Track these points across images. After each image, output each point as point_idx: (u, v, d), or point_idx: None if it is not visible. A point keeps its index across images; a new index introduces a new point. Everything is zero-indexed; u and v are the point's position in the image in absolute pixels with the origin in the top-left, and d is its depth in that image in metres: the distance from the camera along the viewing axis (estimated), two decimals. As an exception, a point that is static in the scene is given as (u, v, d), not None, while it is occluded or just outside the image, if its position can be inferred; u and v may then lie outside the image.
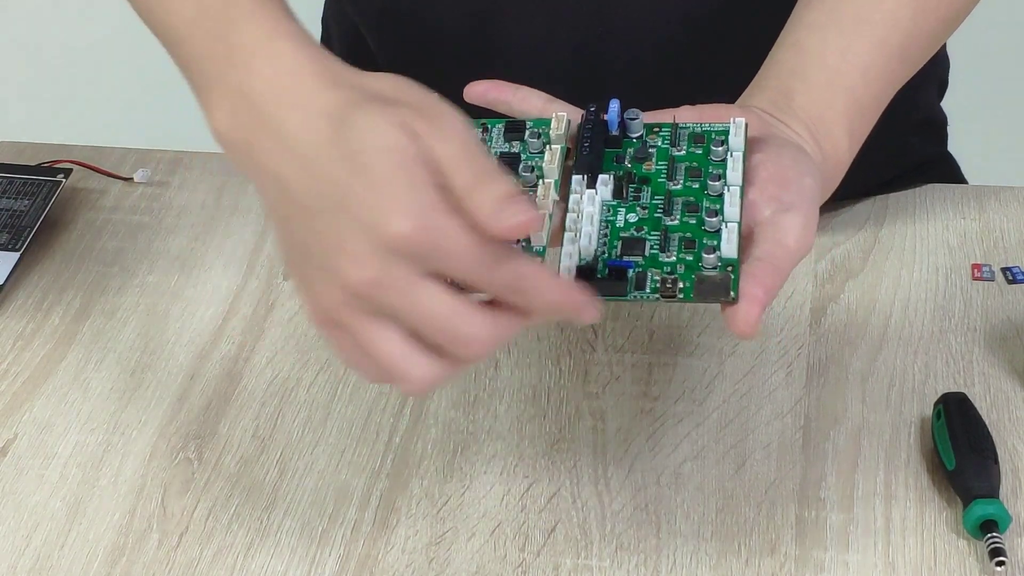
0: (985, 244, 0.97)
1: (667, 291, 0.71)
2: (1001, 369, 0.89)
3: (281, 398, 0.89)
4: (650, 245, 0.73)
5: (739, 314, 0.69)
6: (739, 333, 0.70)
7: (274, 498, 0.84)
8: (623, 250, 0.73)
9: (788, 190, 0.74)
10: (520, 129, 0.79)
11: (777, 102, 0.80)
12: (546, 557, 0.80)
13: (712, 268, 0.71)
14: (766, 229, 0.73)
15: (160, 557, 0.81)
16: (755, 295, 0.70)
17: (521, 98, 0.79)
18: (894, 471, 0.83)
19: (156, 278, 0.98)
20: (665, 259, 0.72)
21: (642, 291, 0.72)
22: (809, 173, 0.75)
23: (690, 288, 0.71)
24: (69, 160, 1.05)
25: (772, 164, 0.75)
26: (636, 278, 0.72)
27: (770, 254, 0.72)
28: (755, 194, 0.74)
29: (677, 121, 0.78)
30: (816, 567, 0.79)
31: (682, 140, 0.77)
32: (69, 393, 0.90)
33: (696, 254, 0.72)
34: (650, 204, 0.75)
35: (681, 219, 0.74)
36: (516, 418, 0.87)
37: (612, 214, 0.75)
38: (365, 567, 0.80)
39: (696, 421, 0.86)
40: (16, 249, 0.98)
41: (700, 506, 0.82)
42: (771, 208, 0.73)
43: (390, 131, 0.65)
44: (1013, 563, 0.78)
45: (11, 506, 0.84)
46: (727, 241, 0.72)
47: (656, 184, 0.76)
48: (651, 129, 0.78)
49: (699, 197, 0.75)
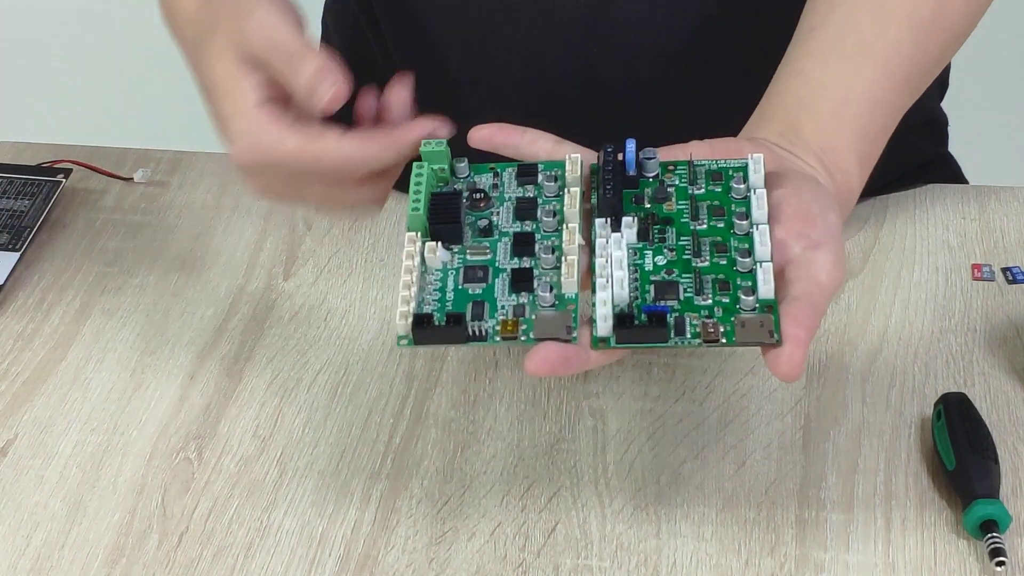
0: (985, 244, 0.97)
1: (710, 336, 0.70)
2: (1001, 369, 0.89)
3: (281, 398, 0.89)
4: (683, 288, 0.72)
5: (783, 357, 0.69)
6: (783, 376, 0.69)
7: (274, 498, 0.84)
8: (656, 294, 0.72)
9: (815, 226, 0.73)
10: (533, 173, 0.78)
11: (785, 133, 0.79)
12: (546, 557, 0.80)
13: (751, 310, 0.71)
14: (798, 267, 0.72)
15: (160, 557, 0.81)
16: (798, 337, 0.69)
17: (529, 141, 0.78)
18: (894, 471, 0.83)
19: (156, 278, 0.98)
20: (701, 302, 0.72)
21: (683, 336, 0.71)
22: (831, 208, 0.75)
23: (732, 331, 0.70)
24: (69, 160, 1.06)
25: (794, 200, 0.74)
26: (675, 323, 0.71)
27: (806, 292, 0.71)
28: (782, 232, 0.73)
29: (691, 158, 0.77)
30: (816, 567, 0.79)
31: (700, 178, 0.76)
32: (69, 393, 0.90)
33: (732, 296, 0.71)
34: (677, 246, 0.74)
35: (711, 260, 0.73)
36: (516, 418, 0.87)
37: (639, 257, 0.74)
38: (365, 567, 0.80)
39: (696, 421, 0.86)
40: (16, 249, 0.98)
41: (700, 506, 0.82)
42: (800, 245, 0.73)
43: (219, 60, 0.78)
44: (1013, 563, 0.78)
45: (11, 506, 0.84)
46: (763, 282, 0.71)
47: (680, 224, 0.75)
48: (666, 168, 0.77)
49: (726, 236, 0.74)
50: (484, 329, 0.73)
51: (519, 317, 0.73)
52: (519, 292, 0.74)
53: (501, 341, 0.72)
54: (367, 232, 1.01)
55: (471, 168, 0.79)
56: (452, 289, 0.74)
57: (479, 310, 0.73)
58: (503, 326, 0.72)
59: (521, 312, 0.73)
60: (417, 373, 0.90)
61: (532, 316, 0.73)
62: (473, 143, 0.78)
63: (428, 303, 0.74)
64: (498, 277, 0.75)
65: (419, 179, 0.77)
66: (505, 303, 0.73)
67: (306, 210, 1.00)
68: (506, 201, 0.78)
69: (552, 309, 0.73)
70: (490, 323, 0.73)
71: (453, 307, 0.74)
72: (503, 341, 0.72)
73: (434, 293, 0.74)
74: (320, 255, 0.99)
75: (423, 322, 0.73)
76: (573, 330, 0.72)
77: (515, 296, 0.74)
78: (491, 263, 0.75)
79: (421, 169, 0.78)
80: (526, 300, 0.73)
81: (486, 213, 0.77)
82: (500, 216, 0.77)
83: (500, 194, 0.78)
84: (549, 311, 0.72)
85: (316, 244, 1.00)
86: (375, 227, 1.01)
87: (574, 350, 0.71)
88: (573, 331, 0.72)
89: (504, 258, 0.75)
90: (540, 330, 0.72)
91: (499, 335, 0.72)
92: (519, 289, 0.74)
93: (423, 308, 0.74)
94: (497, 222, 0.77)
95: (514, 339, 0.72)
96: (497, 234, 0.76)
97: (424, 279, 0.75)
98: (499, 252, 0.76)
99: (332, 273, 0.98)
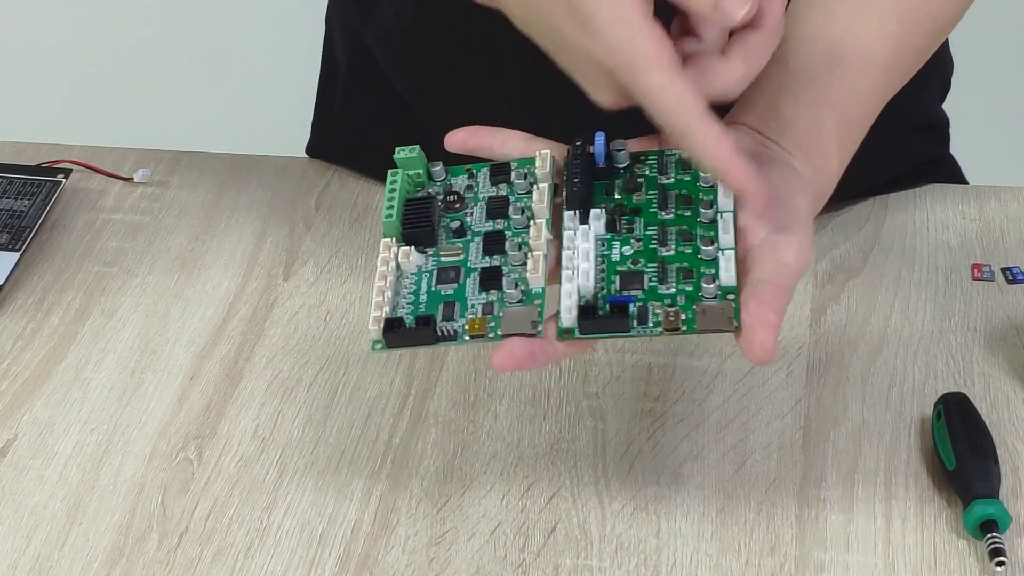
0: (985, 244, 0.97)
1: (670, 324, 0.71)
2: (1001, 369, 0.89)
3: (281, 398, 0.90)
4: (648, 277, 0.73)
5: (755, 341, 0.69)
6: (757, 360, 0.70)
7: (274, 498, 0.84)
8: (621, 284, 0.73)
9: (780, 210, 0.74)
10: (505, 171, 0.79)
11: (765, 119, 0.80)
12: (546, 557, 0.80)
13: (712, 297, 0.71)
14: (764, 251, 0.73)
15: (160, 557, 0.81)
16: (768, 320, 0.70)
17: (502, 141, 0.79)
18: (894, 471, 0.83)
19: (156, 278, 0.98)
20: (664, 291, 0.72)
21: (645, 326, 0.71)
22: (800, 191, 0.75)
23: (692, 319, 0.71)
24: (69, 160, 1.06)
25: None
26: (638, 312, 0.72)
27: (773, 275, 0.71)
28: (746, 217, 0.74)
29: (663, 147, 0.77)
30: (816, 567, 0.79)
31: (670, 167, 0.77)
32: (69, 393, 0.90)
33: (695, 284, 0.72)
34: (644, 235, 0.75)
35: (676, 249, 0.74)
36: (516, 418, 0.87)
37: (607, 248, 0.74)
38: (365, 567, 0.80)
39: (696, 421, 0.86)
40: (16, 249, 0.98)
41: (700, 506, 0.82)
42: (766, 230, 0.73)
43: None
44: (1013, 563, 0.78)
45: (11, 506, 0.84)
46: (725, 269, 0.72)
47: (648, 215, 0.75)
48: (638, 158, 0.78)
49: (692, 225, 0.74)
50: (453, 329, 0.73)
51: (488, 315, 0.73)
52: (488, 290, 0.74)
53: (470, 340, 0.73)
54: (367, 232, 1.01)
55: (447, 171, 0.80)
56: (425, 291, 0.75)
57: (450, 311, 0.74)
58: (471, 325, 0.73)
59: (490, 310, 0.74)
60: (417, 373, 0.90)
61: (500, 313, 0.73)
62: (450, 148, 0.79)
63: (402, 307, 0.75)
64: (469, 277, 0.75)
65: (393, 186, 0.78)
66: (475, 302, 0.74)
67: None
68: (479, 201, 0.78)
69: (519, 305, 0.73)
70: (460, 323, 0.74)
71: (426, 309, 0.74)
72: (472, 340, 0.73)
73: (408, 296, 0.75)
74: (320, 255, 0.99)
75: (394, 325, 0.74)
76: (538, 324, 0.72)
77: (484, 294, 0.74)
78: (463, 263, 0.76)
79: (396, 176, 0.79)
80: (495, 298, 0.74)
81: (460, 214, 0.78)
82: (472, 216, 0.78)
83: (475, 194, 0.79)
84: (516, 307, 0.73)
85: (316, 244, 1.00)
86: (375, 227, 1.01)
87: (539, 343, 0.72)
88: (538, 325, 0.72)
89: (475, 258, 0.76)
90: (507, 326, 0.73)
91: (468, 334, 0.73)
92: (488, 287, 0.75)
93: (396, 312, 0.75)
94: (469, 222, 0.78)
95: (483, 337, 0.73)
96: (469, 234, 0.77)
97: (399, 283, 0.76)
98: (471, 252, 0.76)
99: (332, 273, 0.98)
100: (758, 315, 0.70)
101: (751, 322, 0.70)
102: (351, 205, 1.03)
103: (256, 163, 1.07)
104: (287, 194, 1.04)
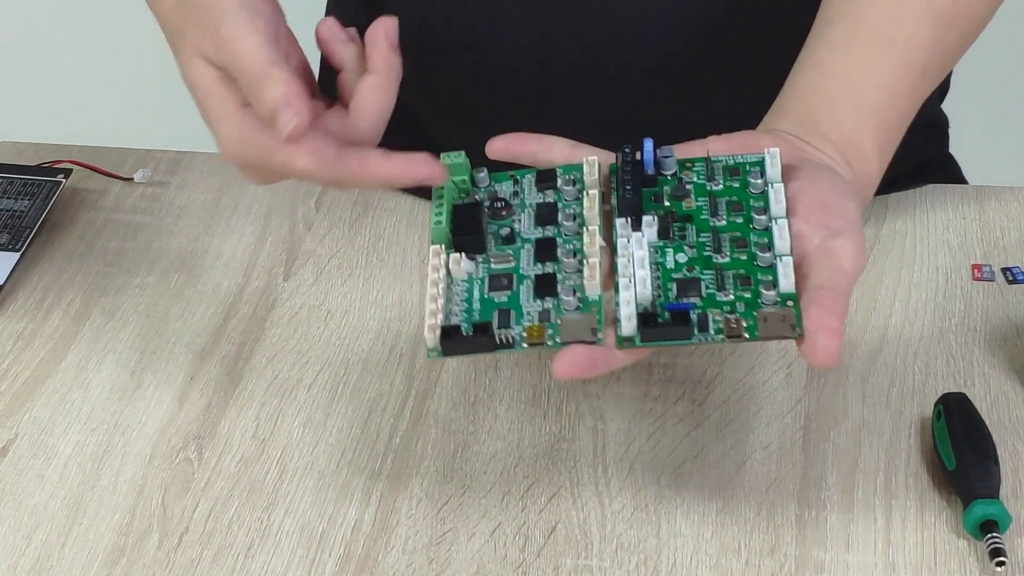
0: (985, 244, 0.97)
1: (732, 331, 0.71)
2: (1001, 369, 0.89)
3: (281, 398, 0.89)
4: (705, 285, 0.73)
5: (819, 347, 0.69)
6: (821, 366, 0.69)
7: (274, 498, 0.84)
8: (678, 292, 0.73)
9: (833, 215, 0.74)
10: (551, 178, 0.78)
11: (803, 125, 0.79)
12: (546, 557, 0.80)
13: (772, 304, 0.71)
14: (820, 257, 0.72)
15: (160, 557, 0.81)
16: (831, 326, 0.69)
17: (546, 147, 0.79)
18: (894, 471, 0.83)
19: (156, 278, 0.98)
20: (723, 298, 0.72)
21: (706, 333, 0.71)
22: (848, 196, 0.75)
23: (755, 326, 0.71)
24: (69, 160, 1.06)
25: (811, 190, 0.75)
26: (698, 320, 0.71)
27: (831, 280, 0.71)
28: (800, 224, 0.73)
29: (709, 154, 0.77)
30: (816, 567, 0.79)
31: (717, 174, 0.77)
32: (69, 393, 0.90)
33: (754, 291, 0.72)
34: (697, 242, 0.74)
35: (731, 255, 0.73)
36: (516, 418, 0.87)
37: (660, 255, 0.74)
38: (365, 567, 0.80)
39: (696, 421, 0.86)
40: (16, 249, 0.98)
41: (700, 506, 0.82)
42: (820, 235, 0.73)
43: (194, 63, 0.78)
44: (1013, 563, 0.78)
45: (11, 506, 0.84)
46: (784, 276, 0.71)
47: (700, 221, 0.75)
48: (684, 165, 0.77)
49: (745, 232, 0.74)
50: (511, 336, 0.73)
51: (545, 322, 0.73)
52: (543, 297, 0.74)
53: (528, 347, 0.73)
54: (367, 232, 1.01)
55: (491, 177, 0.79)
56: (478, 299, 0.75)
57: (505, 318, 0.74)
58: (530, 332, 0.73)
59: (546, 317, 0.73)
60: (417, 373, 0.90)
61: (557, 320, 0.73)
62: (491, 154, 0.78)
63: (455, 314, 0.75)
64: (522, 284, 0.75)
65: (440, 191, 0.78)
66: (530, 309, 0.74)
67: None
68: (527, 208, 0.78)
69: (576, 312, 0.73)
70: (516, 330, 0.73)
71: (480, 316, 0.74)
72: (530, 347, 0.73)
73: (461, 304, 0.75)
74: (320, 255, 0.99)
75: (451, 333, 0.73)
76: (598, 332, 0.72)
77: (539, 302, 0.74)
78: (515, 270, 0.76)
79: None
80: (551, 305, 0.74)
81: (507, 221, 0.78)
82: (521, 223, 0.77)
83: (520, 201, 0.78)
84: (574, 314, 0.73)
85: (316, 244, 1.00)
86: (375, 227, 1.01)
87: (600, 351, 0.71)
88: (598, 333, 0.72)
89: (527, 265, 0.76)
90: (566, 334, 0.72)
91: (526, 341, 0.73)
92: (543, 294, 0.74)
93: (451, 319, 0.74)
94: (518, 229, 0.77)
95: (541, 344, 0.72)
96: (519, 241, 0.77)
97: (451, 290, 0.75)
98: (522, 259, 0.76)
99: (332, 273, 0.98)
100: (820, 321, 0.69)
101: (813, 328, 0.70)
102: (351, 205, 1.03)
103: (256, 163, 1.07)
104: (287, 194, 1.04)
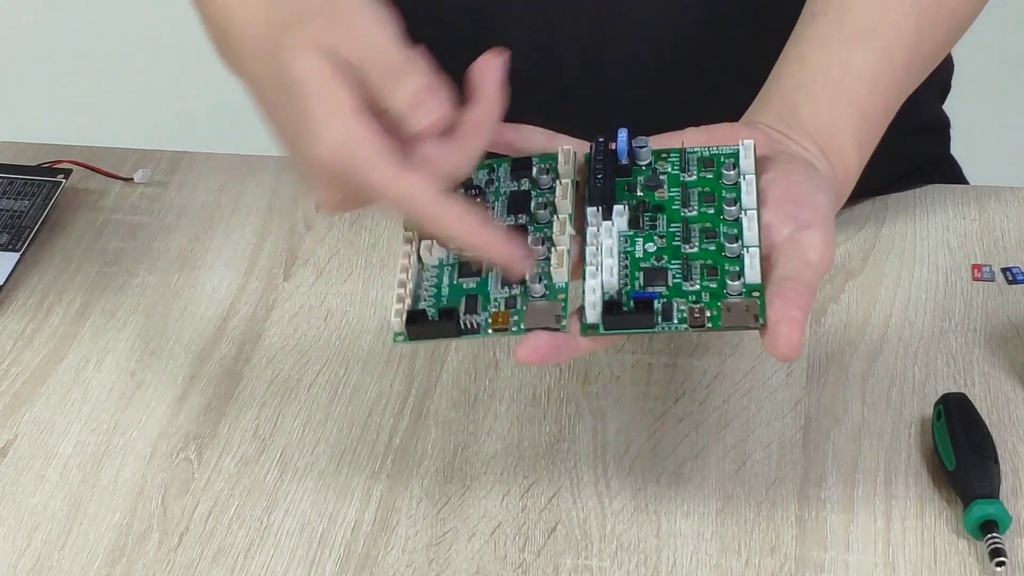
0: (985, 244, 0.97)
1: (696, 320, 0.71)
2: (1001, 369, 0.89)
3: (281, 398, 0.89)
4: (672, 274, 0.73)
5: (780, 337, 0.69)
6: (783, 356, 0.70)
7: (274, 498, 0.84)
8: (645, 281, 0.73)
9: (803, 207, 0.74)
10: (527, 166, 0.78)
11: (783, 117, 0.80)
12: (546, 557, 0.80)
13: (737, 295, 0.71)
14: (787, 248, 0.73)
15: (160, 557, 0.81)
16: (793, 317, 0.70)
17: (523, 137, 0.79)
18: (894, 471, 0.83)
19: (156, 278, 0.98)
20: (689, 288, 0.72)
21: (669, 322, 0.71)
22: (821, 188, 0.75)
23: (718, 316, 0.71)
24: (69, 160, 1.05)
25: (783, 182, 0.75)
26: (663, 309, 0.72)
27: (796, 272, 0.72)
28: (770, 215, 0.74)
29: (685, 145, 0.77)
30: (816, 567, 0.79)
31: (691, 165, 0.77)
32: (69, 393, 0.90)
33: (720, 281, 0.72)
34: (667, 232, 0.75)
35: (700, 246, 0.74)
36: (516, 418, 0.87)
37: (630, 244, 0.74)
38: (365, 567, 0.80)
39: (696, 421, 0.86)
40: (16, 249, 0.98)
41: (700, 506, 0.82)
42: (789, 227, 0.73)
43: (307, 57, 0.71)
44: (1013, 563, 0.78)
45: (11, 506, 0.84)
46: (750, 267, 0.72)
47: (671, 211, 0.75)
48: (660, 155, 0.78)
49: (716, 223, 0.74)
50: (476, 322, 0.73)
51: (511, 309, 0.73)
52: (511, 284, 0.74)
53: (493, 333, 0.73)
54: (367, 233, 1.01)
55: None
56: (447, 284, 0.75)
57: (472, 304, 0.74)
58: (495, 318, 0.73)
59: (513, 304, 0.74)
60: (417, 373, 0.90)
61: (523, 307, 0.73)
62: None
63: (424, 299, 0.75)
64: (492, 271, 0.75)
65: None
66: (498, 296, 0.74)
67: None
68: (501, 196, 0.78)
69: (543, 299, 0.73)
70: (482, 316, 0.74)
71: (448, 302, 0.74)
72: (495, 333, 0.73)
73: (430, 289, 0.75)
74: (320, 255, 0.99)
75: (416, 318, 0.74)
76: (563, 319, 0.72)
77: (507, 288, 0.74)
78: None
79: None
80: (518, 292, 0.74)
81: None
82: (494, 211, 0.78)
83: (496, 189, 0.78)
84: (540, 301, 0.73)
85: (316, 244, 1.00)
86: (375, 228, 1.01)
87: (563, 338, 0.72)
88: (563, 320, 0.72)
89: None
90: (530, 320, 0.73)
91: (491, 327, 0.73)
92: (511, 281, 0.74)
93: (418, 304, 0.75)
94: (492, 217, 0.77)
95: (505, 330, 0.73)
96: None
97: (420, 276, 0.76)
98: None
99: (332, 273, 0.98)
100: (783, 312, 0.70)
101: (776, 319, 0.70)
102: (351, 205, 1.03)
103: (256, 163, 1.07)
104: (287, 194, 1.04)
